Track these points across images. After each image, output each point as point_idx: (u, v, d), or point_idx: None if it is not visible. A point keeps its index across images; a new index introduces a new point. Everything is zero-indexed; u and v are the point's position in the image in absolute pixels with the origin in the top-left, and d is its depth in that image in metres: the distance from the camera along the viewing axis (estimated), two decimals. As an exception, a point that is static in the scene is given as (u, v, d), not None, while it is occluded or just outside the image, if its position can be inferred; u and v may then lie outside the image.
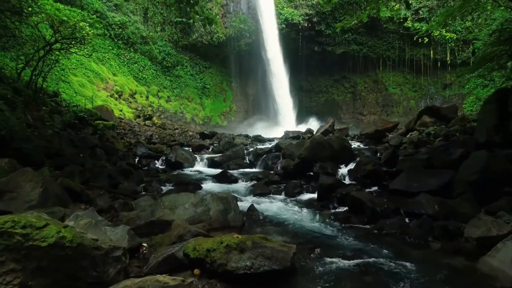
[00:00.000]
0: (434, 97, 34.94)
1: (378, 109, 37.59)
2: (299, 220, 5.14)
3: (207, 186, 7.54)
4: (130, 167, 9.11)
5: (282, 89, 34.22)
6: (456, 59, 32.94)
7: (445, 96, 34.13)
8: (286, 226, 4.86)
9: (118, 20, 28.31)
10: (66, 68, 19.34)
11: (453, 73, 33.62)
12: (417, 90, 36.04)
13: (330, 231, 4.62)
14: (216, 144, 13.95)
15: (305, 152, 7.69)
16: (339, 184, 6.32)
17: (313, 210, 5.76)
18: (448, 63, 33.24)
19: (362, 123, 37.37)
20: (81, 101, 17.86)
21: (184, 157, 10.26)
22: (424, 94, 35.57)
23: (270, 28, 32.56)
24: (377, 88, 37.85)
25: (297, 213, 5.58)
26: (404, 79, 36.46)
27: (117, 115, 19.41)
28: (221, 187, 7.55)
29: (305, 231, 4.62)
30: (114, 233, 3.70)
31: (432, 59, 33.73)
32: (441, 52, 33.30)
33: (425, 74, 34.86)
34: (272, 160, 9.61)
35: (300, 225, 4.89)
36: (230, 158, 10.45)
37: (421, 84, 35.65)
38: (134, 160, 10.33)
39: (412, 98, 36.08)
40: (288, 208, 5.91)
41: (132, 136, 15.31)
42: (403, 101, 36.34)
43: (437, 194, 5.06)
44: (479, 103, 24.77)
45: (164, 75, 31.18)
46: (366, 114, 38.20)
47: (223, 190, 7.20)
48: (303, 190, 7.14)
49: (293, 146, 9.34)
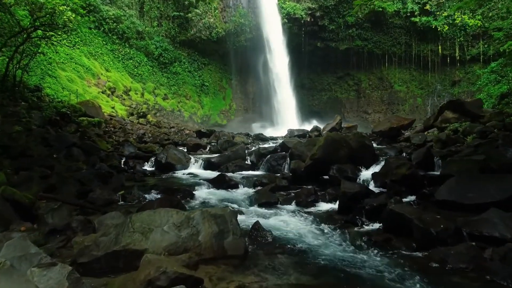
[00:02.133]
0: (441, 95, 33.61)
1: (383, 107, 36.23)
2: (321, 244, 3.83)
3: (201, 194, 6.22)
4: (113, 169, 7.81)
5: (284, 87, 32.88)
6: (465, 55, 31.58)
7: (454, 94, 32.76)
8: (304, 255, 3.55)
9: (113, 14, 27.01)
10: (53, 62, 18.02)
11: (462, 70, 32.30)
12: (423, 88, 34.70)
13: (367, 263, 3.30)
14: (214, 143, 12.63)
15: (319, 151, 6.36)
16: (366, 192, 5.00)
17: (335, 227, 4.44)
18: (457, 59, 31.87)
19: (367, 121, 36.06)
20: (68, 96, 16.54)
21: (176, 158, 8.94)
22: (431, 92, 34.23)
23: (272, 22, 31.24)
24: (382, 86, 36.49)
25: (316, 232, 4.26)
26: (410, 76, 35.10)
27: (109, 112, 18.10)
28: (218, 194, 6.23)
29: (332, 264, 3.30)
30: (46, 278, 2.38)
31: (440, 55, 32.35)
32: (449, 48, 31.92)
33: (432, 70, 33.52)
34: (278, 161, 8.29)
35: (323, 253, 3.57)
36: (229, 159, 9.13)
37: (428, 81, 34.30)
38: (119, 161, 9.02)
39: (418, 96, 34.74)
40: (303, 224, 4.59)
41: (123, 134, 14.00)
42: (409, 99, 34.99)
43: (507, 208, 3.75)
44: (491, 100, 23.40)
45: (161, 71, 29.87)
46: (370, 113, 36.84)
47: (220, 199, 5.89)
48: (318, 199, 5.83)
49: (302, 145, 8.02)
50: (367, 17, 32.53)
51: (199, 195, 6.04)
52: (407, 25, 32.22)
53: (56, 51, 18.76)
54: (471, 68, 31.84)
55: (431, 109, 34.01)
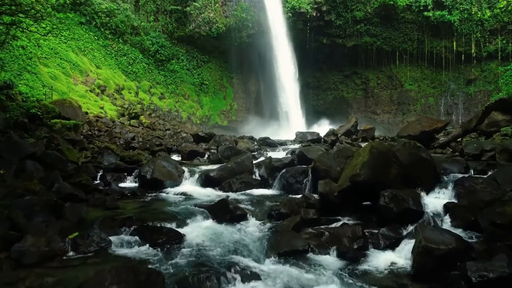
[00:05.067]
0: (455, 94, 31.69)
1: (393, 108, 34.32)
2: None
3: (194, 233, 4.28)
4: (80, 189, 5.91)
5: (289, 85, 30.95)
6: (481, 52, 29.63)
7: (469, 93, 30.85)
8: None
9: (105, 7, 25.16)
10: (34, 57, 16.11)
11: (477, 67, 30.33)
12: (436, 87, 32.77)
13: None
14: (213, 149, 10.70)
15: (363, 171, 4.44)
16: (465, 249, 3.07)
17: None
18: (473, 56, 29.90)
19: (375, 122, 34.09)
20: (46, 95, 14.62)
21: (165, 172, 7.03)
22: (444, 91, 32.30)
23: (275, 17, 29.33)
24: (391, 85, 34.57)
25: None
26: (421, 74, 33.16)
27: (96, 113, 16.20)
28: (219, 234, 4.30)
29: None
30: None
31: (454, 51, 30.40)
32: (465, 44, 29.95)
33: (446, 68, 31.58)
34: (296, 178, 6.37)
35: None
36: (233, 172, 7.22)
37: (441, 80, 32.36)
38: (94, 177, 7.11)
39: (430, 95, 32.81)
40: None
41: (108, 139, 12.10)
42: (420, 99, 33.06)
43: None
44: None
45: (158, 69, 27.99)
46: (379, 113, 34.93)
47: (222, 246, 3.96)
48: (368, 244, 3.95)
49: (329, 156, 6.10)
50: (377, 11, 30.63)
51: (191, 237, 4.09)
52: (419, 20, 30.29)
53: (38, 45, 16.92)
54: (487, 66, 29.92)
55: (444, 109, 32.12)
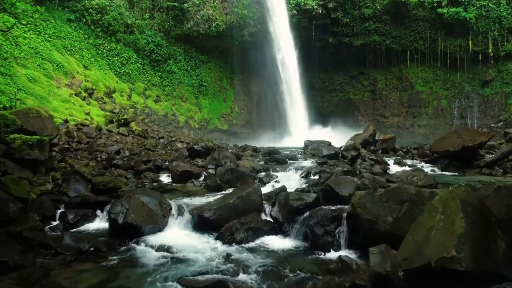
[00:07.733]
0: (470, 96, 29.84)
1: (403, 110, 32.46)
2: None
3: None
4: (18, 243, 4.09)
5: (293, 87, 29.12)
6: (499, 51, 27.77)
7: (485, 95, 28.99)
8: None
9: (97, 3, 23.39)
10: (10, 57, 14.28)
11: (494, 68, 28.46)
12: (449, 88, 30.92)
13: None
14: (211, 169, 8.84)
15: (465, 252, 2.60)
16: None
17: None
18: (490, 55, 28.03)
19: (384, 126, 32.29)
20: (26, 101, 12.82)
21: (145, 213, 5.19)
22: (458, 93, 30.45)
23: (279, 15, 27.53)
24: (401, 86, 32.72)
25: None
26: (434, 75, 31.30)
27: (80, 120, 14.37)
28: None
29: None
30: None
31: (470, 51, 28.53)
32: (481, 43, 28.08)
33: (460, 69, 29.70)
34: (326, 227, 4.53)
35: None
36: (235, 211, 5.38)
37: (454, 81, 30.51)
38: (49, 217, 5.29)
39: (443, 97, 30.95)
40: None
41: (87, 153, 10.26)
42: (432, 101, 31.20)
43: None
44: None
45: (153, 70, 26.17)
46: (388, 116, 33.08)
47: None
48: None
49: (374, 199, 4.26)
50: (387, 8, 28.79)
51: None
52: (432, 18, 28.44)
53: (16, 43, 15.09)
54: (505, 66, 28.09)
55: (457, 112, 30.29)
